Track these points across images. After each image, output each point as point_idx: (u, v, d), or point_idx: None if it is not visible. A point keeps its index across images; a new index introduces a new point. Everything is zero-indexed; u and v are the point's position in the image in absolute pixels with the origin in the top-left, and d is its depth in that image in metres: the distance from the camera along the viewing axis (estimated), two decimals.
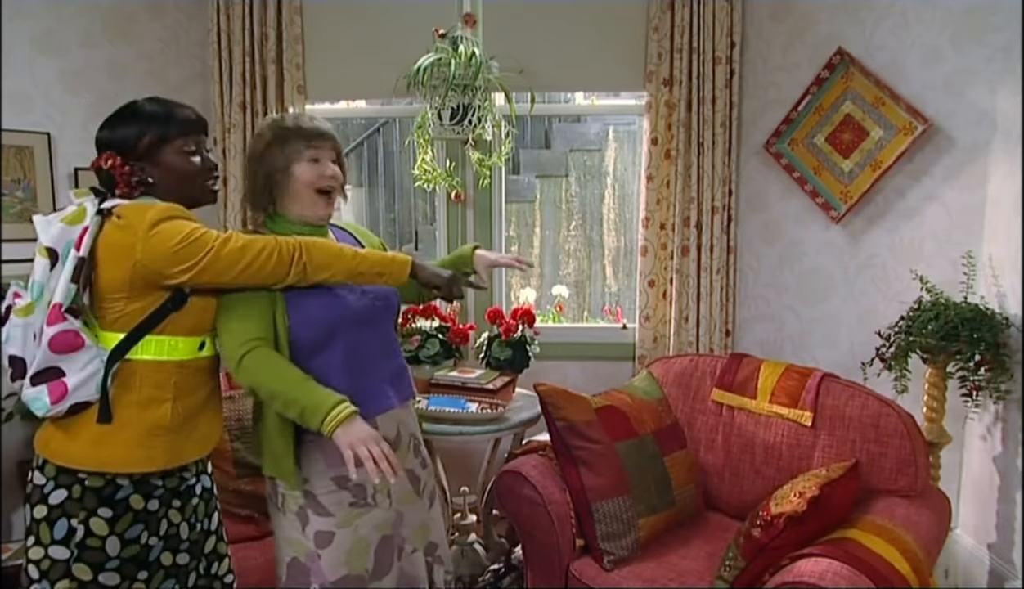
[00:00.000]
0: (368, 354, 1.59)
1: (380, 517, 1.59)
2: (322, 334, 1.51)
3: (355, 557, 1.55)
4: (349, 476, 1.40)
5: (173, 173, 1.44)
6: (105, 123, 1.45)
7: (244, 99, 3.04)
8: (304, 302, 1.50)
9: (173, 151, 1.44)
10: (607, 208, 4.81)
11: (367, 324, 1.59)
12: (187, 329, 1.43)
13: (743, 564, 1.72)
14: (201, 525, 1.55)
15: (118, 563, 1.37)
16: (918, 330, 2.18)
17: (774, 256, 2.91)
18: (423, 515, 1.71)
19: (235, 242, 1.38)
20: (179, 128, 1.45)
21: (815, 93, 2.70)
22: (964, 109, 2.36)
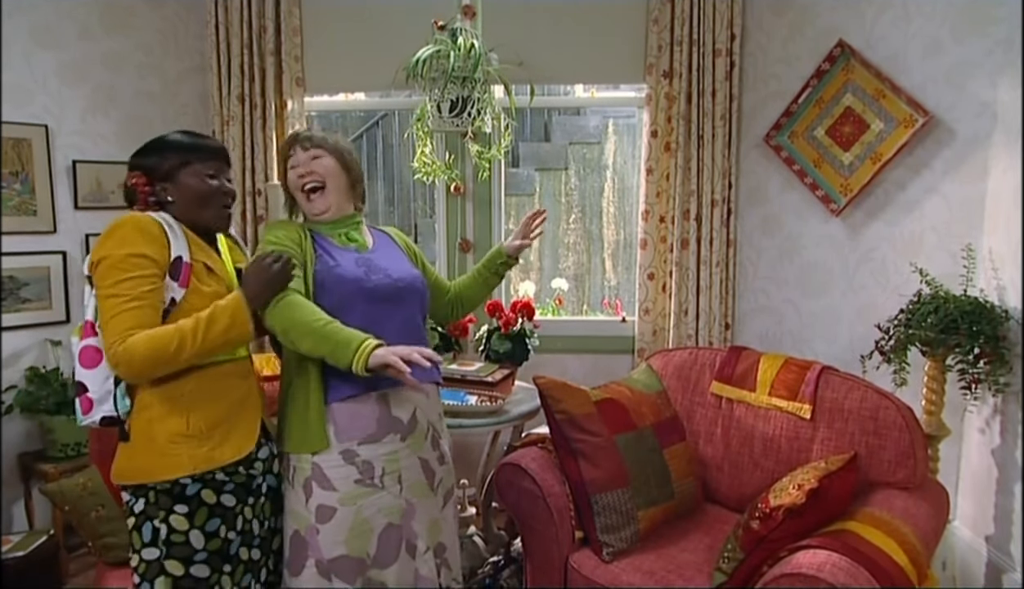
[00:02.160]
0: (387, 332, 1.56)
1: (387, 502, 1.60)
2: (339, 302, 1.58)
3: (356, 538, 1.55)
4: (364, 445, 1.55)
5: (190, 192, 1.54)
6: (138, 150, 1.58)
7: (243, 91, 3.03)
8: (328, 270, 1.61)
9: (192, 173, 1.54)
10: (607, 201, 4.80)
11: (387, 302, 1.65)
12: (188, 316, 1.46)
13: (742, 556, 1.72)
14: (269, 523, 1.62)
15: (205, 555, 1.47)
16: (917, 323, 2.18)
17: (774, 249, 2.91)
18: (435, 513, 1.71)
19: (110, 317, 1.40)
20: (200, 153, 1.56)
21: (815, 85, 2.70)
22: (965, 101, 2.36)
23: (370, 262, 1.69)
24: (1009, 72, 2.22)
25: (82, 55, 2.88)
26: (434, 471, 1.71)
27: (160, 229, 1.45)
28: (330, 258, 1.65)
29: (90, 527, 1.98)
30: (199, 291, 1.48)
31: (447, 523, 1.75)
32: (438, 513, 1.72)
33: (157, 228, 1.45)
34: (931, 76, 2.42)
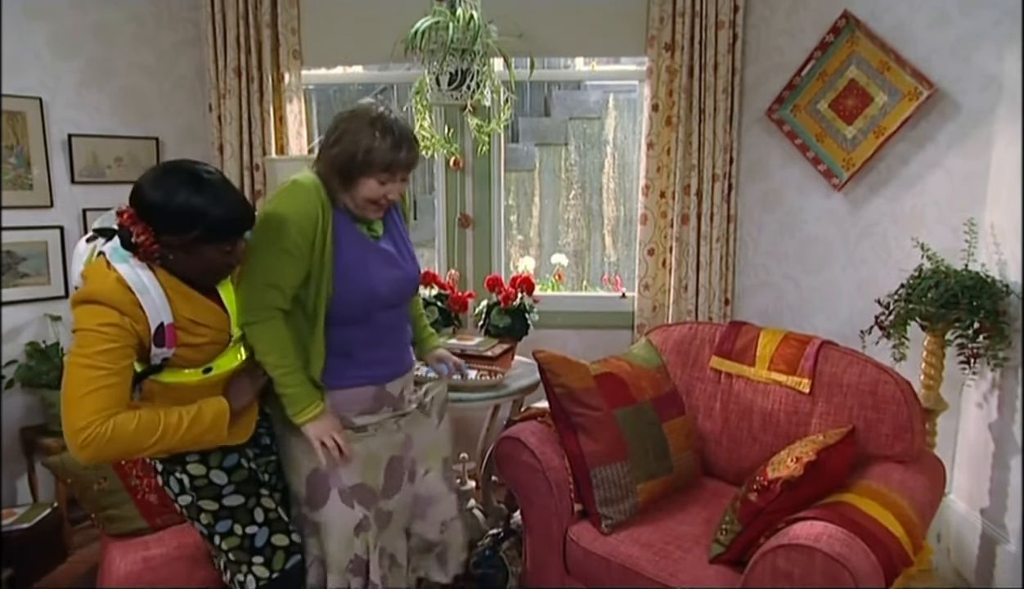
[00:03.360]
0: (389, 329, 1.70)
1: (389, 437, 1.70)
2: (357, 313, 1.61)
3: (369, 470, 1.66)
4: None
5: (202, 264, 1.41)
6: (158, 187, 1.35)
7: (239, 64, 2.99)
8: (350, 282, 1.58)
9: (214, 249, 1.40)
10: (607, 177, 4.77)
11: (394, 306, 1.71)
12: (184, 363, 1.46)
13: (739, 528, 1.74)
14: (271, 479, 1.69)
15: (233, 487, 1.57)
16: (918, 298, 2.18)
17: (774, 224, 2.89)
18: (432, 433, 1.80)
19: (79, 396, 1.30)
20: (230, 233, 1.41)
21: (819, 58, 2.66)
22: (970, 74, 2.33)
23: (383, 257, 1.66)
24: (1016, 44, 2.18)
25: (74, 26, 2.83)
26: (424, 404, 1.80)
27: (134, 299, 1.34)
28: (347, 252, 1.59)
29: (92, 499, 1.99)
30: (189, 345, 1.43)
31: (444, 435, 1.85)
32: (433, 432, 1.80)
33: (131, 298, 1.33)
34: (936, 48, 2.39)
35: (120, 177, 2.98)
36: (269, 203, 1.56)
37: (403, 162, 1.55)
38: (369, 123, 1.52)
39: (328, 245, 1.55)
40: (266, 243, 1.51)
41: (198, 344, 1.45)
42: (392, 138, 1.52)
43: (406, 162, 1.56)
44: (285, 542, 1.60)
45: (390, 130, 1.52)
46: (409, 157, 1.56)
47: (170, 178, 1.36)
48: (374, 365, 1.68)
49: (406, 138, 1.55)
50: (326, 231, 1.55)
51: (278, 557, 1.58)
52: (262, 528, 1.58)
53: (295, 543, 1.62)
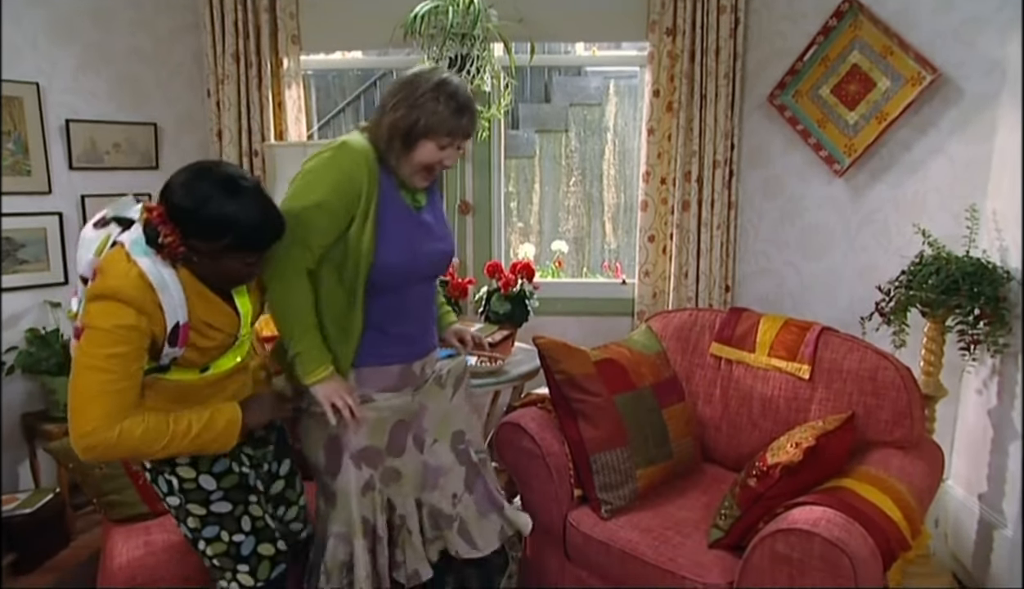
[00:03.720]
0: (420, 304, 1.69)
1: (399, 402, 1.66)
2: (396, 283, 1.60)
3: (374, 431, 1.64)
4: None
5: (224, 271, 1.38)
6: (192, 189, 1.30)
7: (237, 49, 2.97)
8: (391, 250, 1.55)
9: (239, 259, 1.36)
10: (607, 164, 4.75)
11: (429, 279, 1.71)
12: (187, 364, 1.44)
13: (739, 513, 1.74)
14: (270, 467, 1.68)
15: (222, 493, 1.52)
16: (918, 284, 2.18)
17: (775, 211, 2.88)
18: (445, 405, 1.76)
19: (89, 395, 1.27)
20: (259, 245, 1.37)
21: (822, 43, 2.64)
22: (974, 58, 2.31)
23: (423, 230, 1.64)
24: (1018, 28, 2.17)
25: (71, 11, 2.81)
26: (440, 374, 1.76)
27: (155, 298, 1.30)
28: (391, 219, 1.56)
29: (94, 485, 2.00)
30: (196, 347, 1.40)
31: (458, 409, 1.80)
32: (447, 404, 1.77)
33: (152, 297, 1.30)
34: (940, 32, 2.37)
35: (119, 163, 2.97)
36: (313, 158, 1.53)
37: (463, 128, 1.54)
38: (433, 87, 1.51)
39: (372, 211, 1.52)
40: (300, 197, 1.48)
41: (205, 347, 1.42)
42: (455, 103, 1.51)
43: (466, 129, 1.55)
44: (271, 551, 1.56)
45: (454, 95, 1.51)
46: (471, 124, 1.56)
47: (204, 182, 1.31)
48: (403, 342, 1.66)
49: (469, 105, 1.54)
50: (371, 197, 1.52)
51: (263, 566, 1.55)
52: (249, 537, 1.54)
53: (281, 552, 1.58)
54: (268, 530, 1.57)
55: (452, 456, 1.76)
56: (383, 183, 1.56)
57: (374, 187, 1.53)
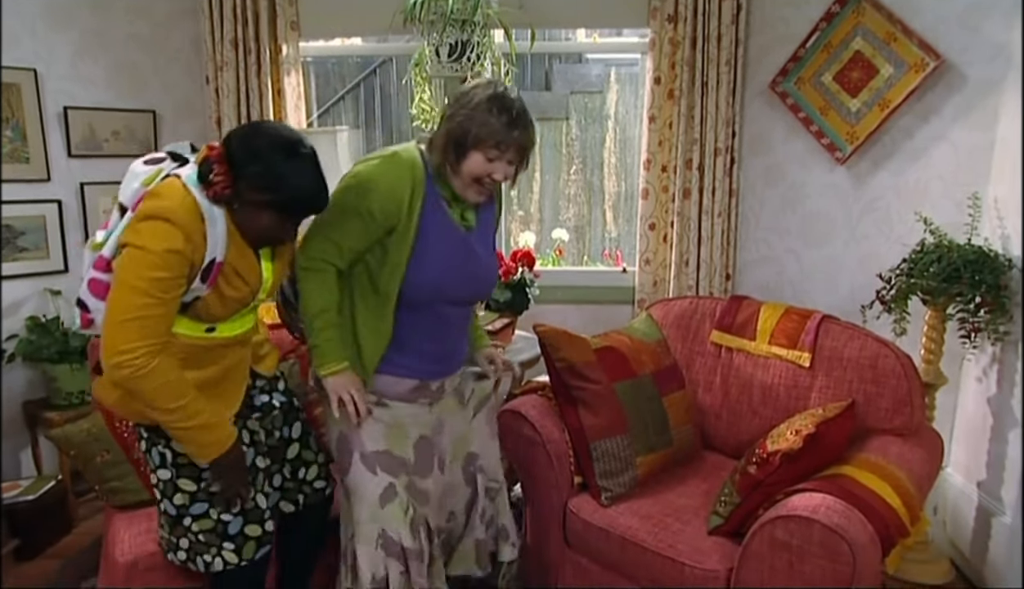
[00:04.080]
0: (451, 326, 1.67)
1: (419, 413, 1.66)
2: (425, 300, 1.59)
3: (395, 439, 1.63)
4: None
5: (259, 227, 1.41)
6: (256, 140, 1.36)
7: (236, 36, 2.95)
8: (425, 269, 1.54)
9: (274, 219, 1.40)
10: (608, 152, 4.73)
11: (461, 304, 1.67)
12: (194, 316, 1.45)
13: (738, 500, 1.75)
14: (280, 433, 1.69)
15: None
16: (920, 272, 2.17)
17: (776, 199, 2.87)
18: (463, 426, 1.75)
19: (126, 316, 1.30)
20: (299, 211, 1.42)
21: (824, 29, 2.62)
22: (978, 44, 2.30)
23: (466, 254, 1.61)
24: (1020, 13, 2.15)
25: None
26: (463, 392, 1.75)
27: (202, 226, 1.35)
28: (432, 237, 1.55)
29: (96, 471, 2.01)
30: (220, 293, 1.43)
31: (477, 432, 1.78)
32: (465, 425, 1.76)
33: (200, 226, 1.34)
34: (944, 17, 2.35)
35: (118, 151, 2.96)
36: (362, 163, 1.55)
37: (515, 141, 1.51)
38: (488, 98, 1.50)
39: (414, 225, 1.52)
40: (342, 200, 1.52)
41: (228, 297, 1.45)
42: (508, 116, 1.49)
43: (519, 142, 1.51)
44: (258, 532, 1.57)
45: (508, 108, 1.49)
46: (523, 138, 1.52)
47: (265, 138, 1.36)
48: (423, 359, 1.64)
49: (522, 118, 1.51)
50: (412, 211, 1.52)
51: (249, 546, 1.56)
52: (237, 517, 1.55)
53: (268, 533, 1.59)
54: (257, 511, 1.58)
55: (461, 476, 1.76)
56: (429, 198, 1.55)
57: (418, 201, 1.53)
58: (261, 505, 1.60)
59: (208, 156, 1.35)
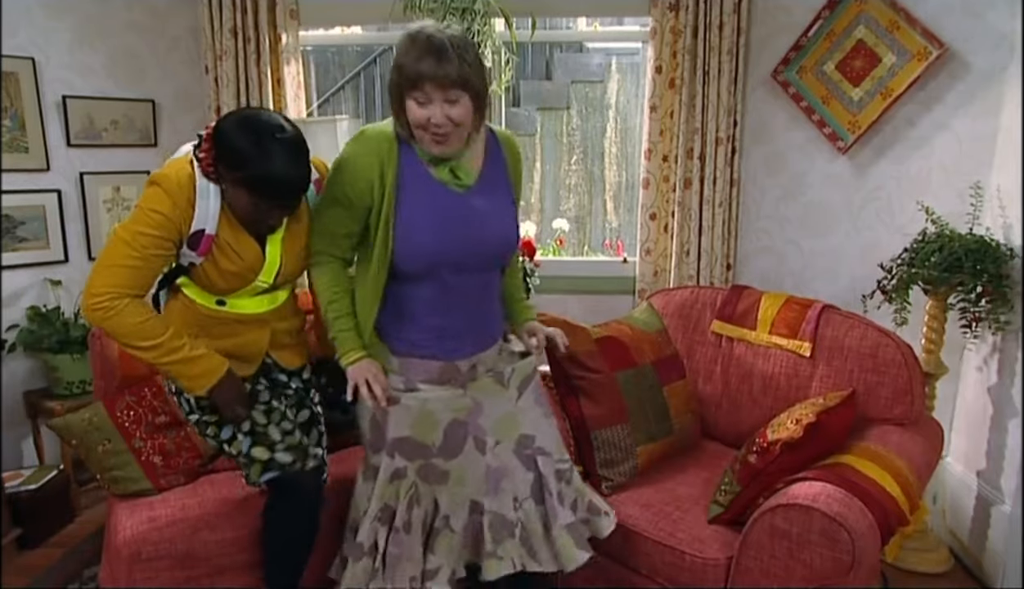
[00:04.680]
0: (464, 297, 1.57)
1: (451, 397, 1.59)
2: (422, 270, 1.51)
3: (421, 426, 1.58)
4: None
5: (240, 208, 1.47)
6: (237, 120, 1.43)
7: (235, 24, 2.93)
8: (411, 235, 1.49)
9: (249, 199, 1.44)
10: (609, 142, 4.71)
11: (477, 271, 1.56)
12: (201, 285, 1.56)
13: (738, 489, 1.75)
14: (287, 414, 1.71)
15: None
16: (921, 262, 2.17)
17: (777, 189, 2.86)
18: (508, 406, 1.64)
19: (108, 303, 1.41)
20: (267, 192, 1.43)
21: (827, 17, 2.60)
22: (982, 32, 2.28)
23: (463, 215, 1.51)
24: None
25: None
26: (502, 372, 1.64)
27: (192, 197, 1.44)
28: (411, 202, 1.48)
29: (97, 461, 2.01)
30: (216, 264, 1.51)
31: (525, 413, 1.66)
32: (511, 406, 1.64)
33: (189, 195, 1.44)
34: (948, 5, 2.33)
35: (117, 140, 2.95)
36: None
37: (428, 75, 1.35)
38: (403, 39, 1.40)
39: (388, 194, 1.47)
40: (325, 190, 1.55)
41: (224, 269, 1.51)
42: (417, 49, 1.36)
43: (432, 75, 1.35)
44: (265, 456, 1.63)
45: (419, 40, 1.37)
46: (438, 70, 1.35)
47: (248, 121, 1.43)
48: (441, 336, 1.56)
49: (435, 48, 1.35)
50: (385, 183, 1.47)
51: (255, 468, 1.63)
52: (246, 437, 1.63)
53: (277, 461, 1.64)
54: (264, 436, 1.63)
55: (516, 460, 1.64)
56: (404, 164, 1.49)
57: (390, 170, 1.47)
58: (273, 435, 1.64)
59: (200, 134, 1.47)
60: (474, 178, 1.54)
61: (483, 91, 1.44)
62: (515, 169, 1.65)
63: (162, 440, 2.06)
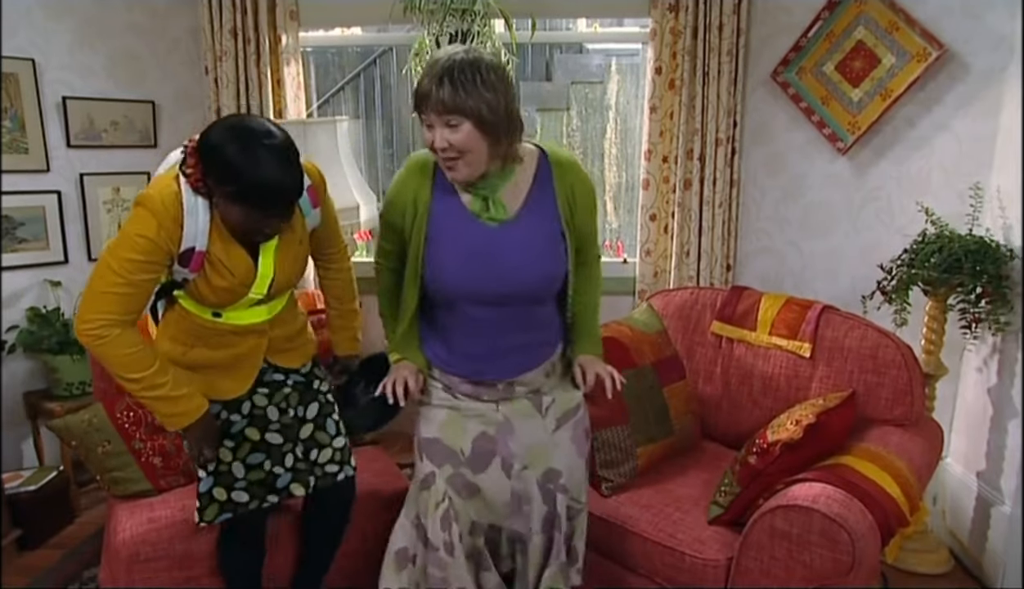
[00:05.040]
0: (492, 328, 1.51)
1: (483, 410, 1.57)
2: (443, 301, 1.52)
3: (450, 430, 1.58)
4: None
5: (234, 220, 1.43)
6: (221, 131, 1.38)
7: (235, 25, 2.93)
8: (431, 266, 1.48)
9: (242, 211, 1.40)
10: (609, 143, 4.71)
11: (494, 305, 1.49)
12: (195, 298, 1.53)
13: (738, 490, 1.75)
14: (295, 412, 1.71)
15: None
16: (920, 263, 2.17)
17: (777, 189, 2.87)
18: (540, 436, 1.60)
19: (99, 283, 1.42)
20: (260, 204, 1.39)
21: (827, 18, 2.60)
22: (981, 33, 2.28)
23: (490, 250, 1.45)
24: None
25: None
26: (542, 397, 1.60)
27: (179, 215, 1.40)
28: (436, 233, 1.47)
29: (97, 462, 2.01)
30: (208, 281, 1.49)
31: (559, 448, 1.61)
32: (545, 437, 1.60)
33: (176, 213, 1.40)
34: (948, 6, 2.34)
35: (117, 141, 2.95)
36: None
37: (432, 98, 1.32)
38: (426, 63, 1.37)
39: (419, 220, 1.47)
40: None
41: (217, 286, 1.49)
42: (428, 74, 1.34)
43: (436, 99, 1.31)
44: (223, 497, 1.64)
45: (430, 66, 1.35)
46: (433, 94, 1.31)
47: (229, 129, 1.38)
48: (470, 360, 1.55)
49: (437, 72, 1.32)
50: (418, 205, 1.47)
51: (211, 509, 1.64)
52: (208, 477, 1.64)
53: (232, 502, 1.64)
54: (228, 476, 1.63)
55: (538, 491, 1.61)
56: (438, 192, 1.48)
57: (423, 196, 1.47)
58: (236, 473, 1.64)
59: (184, 149, 1.43)
60: (512, 210, 1.47)
61: (491, 119, 1.34)
62: (567, 194, 1.50)
63: (162, 441, 2.06)
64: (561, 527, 1.62)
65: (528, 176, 1.49)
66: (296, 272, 1.62)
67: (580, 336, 1.64)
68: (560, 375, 1.65)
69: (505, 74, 1.38)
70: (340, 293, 1.82)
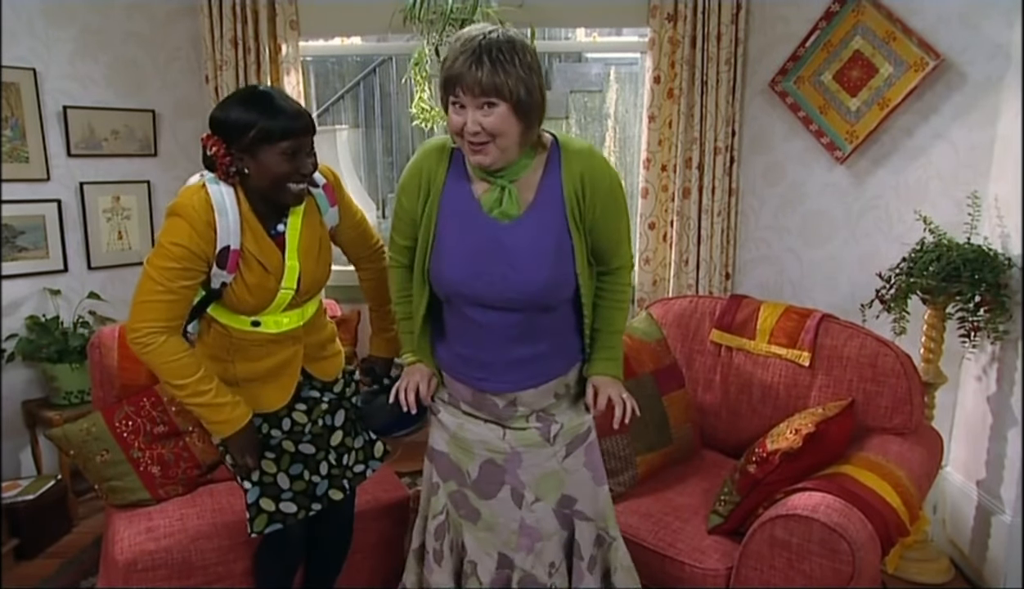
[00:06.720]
0: (488, 333, 1.43)
1: (488, 437, 1.51)
2: (446, 297, 1.47)
3: (457, 450, 1.56)
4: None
5: (267, 172, 1.46)
6: (221, 104, 1.49)
7: (235, 34, 2.94)
8: (440, 264, 1.43)
9: (274, 152, 1.44)
10: (608, 151, 4.73)
11: (496, 309, 1.40)
12: (232, 308, 1.57)
13: (738, 499, 1.75)
14: (323, 421, 1.73)
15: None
16: (919, 271, 2.17)
17: (776, 198, 2.87)
18: (552, 464, 1.52)
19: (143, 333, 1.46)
20: (284, 130, 1.44)
21: (824, 28, 2.62)
22: (978, 43, 2.29)
23: (493, 249, 1.37)
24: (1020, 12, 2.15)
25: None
26: (550, 425, 1.51)
27: (211, 218, 1.45)
28: (442, 225, 1.42)
29: (96, 471, 2.01)
30: (244, 280, 1.52)
31: (571, 474, 1.53)
32: (556, 464, 1.52)
33: (208, 217, 1.45)
34: (944, 16, 2.35)
35: (118, 150, 2.95)
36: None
37: (467, 79, 1.24)
38: (455, 36, 1.31)
39: (431, 206, 1.43)
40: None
41: (252, 283, 1.52)
42: (456, 51, 1.26)
43: (473, 80, 1.23)
44: (271, 507, 1.64)
45: (460, 42, 1.27)
46: (469, 74, 1.24)
47: (230, 97, 1.50)
48: (467, 364, 1.48)
49: (471, 50, 1.24)
50: (431, 189, 1.43)
51: (260, 519, 1.64)
52: (254, 487, 1.64)
53: (281, 512, 1.65)
54: (274, 487, 1.64)
55: (555, 521, 1.54)
56: (451, 179, 1.41)
57: (436, 184, 1.41)
58: (281, 484, 1.65)
59: (203, 143, 1.48)
60: (523, 207, 1.38)
61: (527, 101, 1.27)
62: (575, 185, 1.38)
63: (160, 450, 2.05)
64: (584, 554, 1.54)
65: (539, 166, 1.40)
66: (320, 272, 1.63)
67: (597, 354, 1.52)
68: (572, 399, 1.56)
69: (537, 55, 1.32)
70: (380, 294, 1.80)
